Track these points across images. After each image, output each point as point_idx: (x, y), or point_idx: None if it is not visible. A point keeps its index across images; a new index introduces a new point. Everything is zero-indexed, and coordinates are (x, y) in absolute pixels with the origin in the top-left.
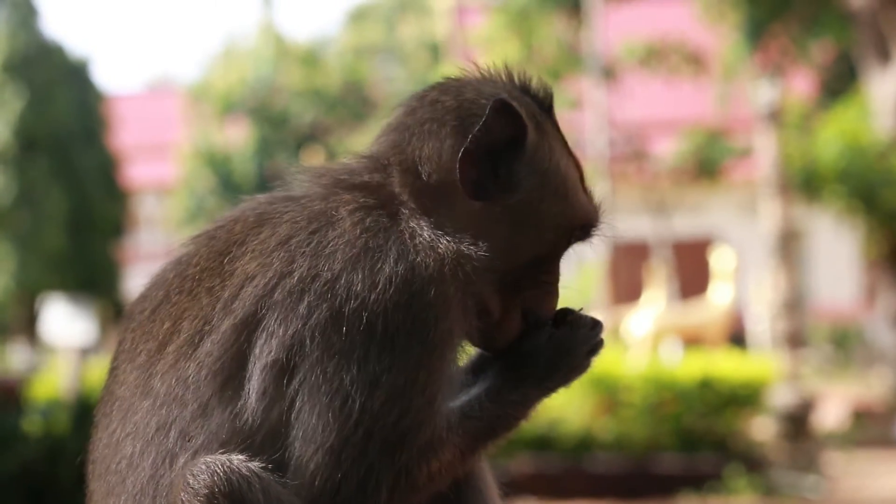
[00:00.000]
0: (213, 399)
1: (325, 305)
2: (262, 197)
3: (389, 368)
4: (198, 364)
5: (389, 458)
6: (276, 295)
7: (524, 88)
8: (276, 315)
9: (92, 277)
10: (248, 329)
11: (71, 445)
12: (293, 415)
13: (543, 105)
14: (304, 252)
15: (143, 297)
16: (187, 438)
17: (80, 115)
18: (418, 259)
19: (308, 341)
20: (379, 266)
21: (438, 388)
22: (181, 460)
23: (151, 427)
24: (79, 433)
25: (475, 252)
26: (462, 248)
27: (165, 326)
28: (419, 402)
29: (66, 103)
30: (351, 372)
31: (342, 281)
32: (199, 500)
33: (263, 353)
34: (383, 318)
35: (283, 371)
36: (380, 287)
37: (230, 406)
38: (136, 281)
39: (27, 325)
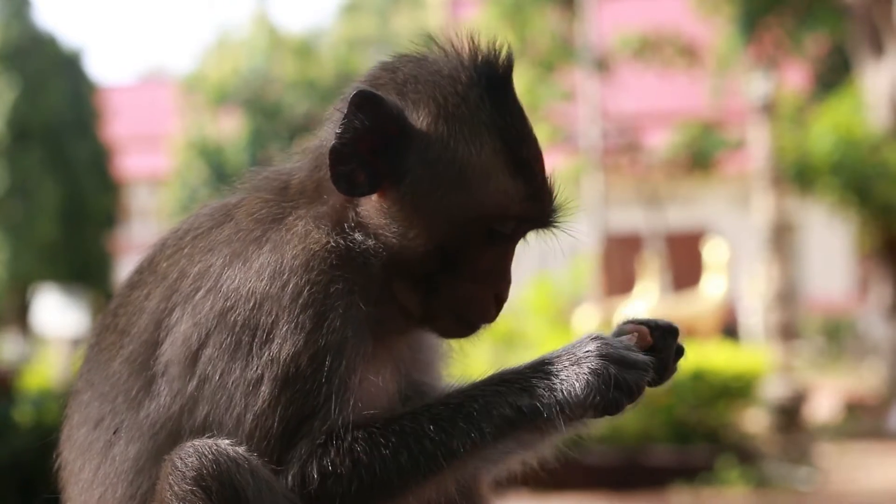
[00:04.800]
0: (139, 393)
1: (210, 303)
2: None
3: (269, 363)
4: (121, 361)
5: (290, 450)
6: (177, 293)
7: (471, 63)
8: (175, 314)
9: (84, 268)
10: (157, 327)
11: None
12: (204, 415)
13: (493, 80)
14: (201, 248)
15: (119, 293)
16: (119, 431)
17: (73, 106)
18: (288, 249)
19: (199, 339)
20: (252, 258)
21: (329, 376)
22: (116, 450)
23: (92, 419)
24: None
25: (357, 244)
26: (339, 239)
27: (109, 321)
28: (305, 390)
29: (59, 94)
30: (235, 374)
31: (224, 276)
32: (186, 483)
33: (167, 351)
34: (259, 309)
35: (185, 370)
36: (253, 279)
37: (154, 400)
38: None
39: (19, 316)
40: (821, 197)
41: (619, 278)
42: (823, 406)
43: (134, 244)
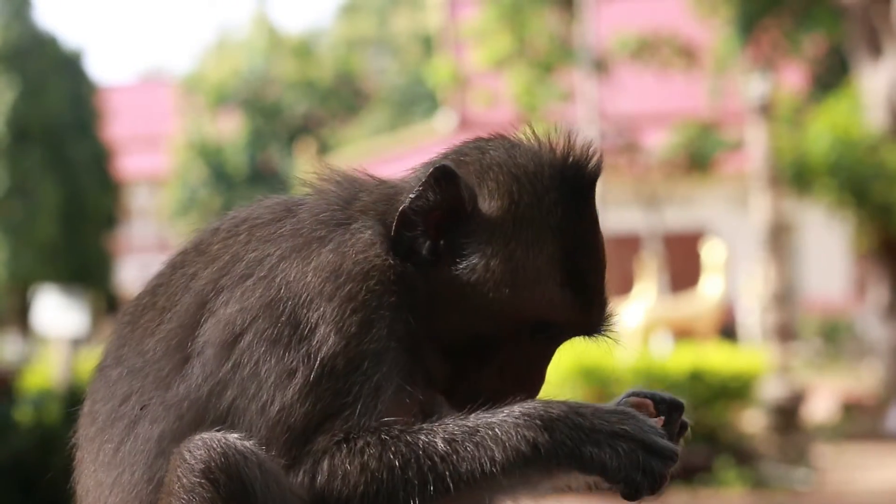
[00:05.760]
0: (171, 373)
1: (260, 291)
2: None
3: (306, 358)
4: (157, 339)
5: (307, 446)
6: (226, 276)
7: (559, 164)
8: (222, 296)
9: (84, 268)
10: (201, 307)
11: (62, 435)
12: (231, 400)
13: (575, 186)
14: (259, 236)
15: (159, 273)
16: (146, 408)
17: (74, 107)
18: (351, 253)
19: (242, 325)
20: (314, 255)
21: (362, 381)
22: (140, 428)
23: (119, 395)
24: (70, 423)
25: (410, 275)
26: (398, 262)
27: (147, 300)
28: (335, 390)
29: (59, 94)
30: (270, 363)
31: (280, 267)
32: (195, 476)
33: (207, 332)
34: (308, 305)
35: (221, 352)
36: (310, 276)
37: (185, 381)
38: (128, 272)
39: (19, 316)
40: (818, 197)
41: (617, 279)
42: (821, 406)
43: (134, 244)
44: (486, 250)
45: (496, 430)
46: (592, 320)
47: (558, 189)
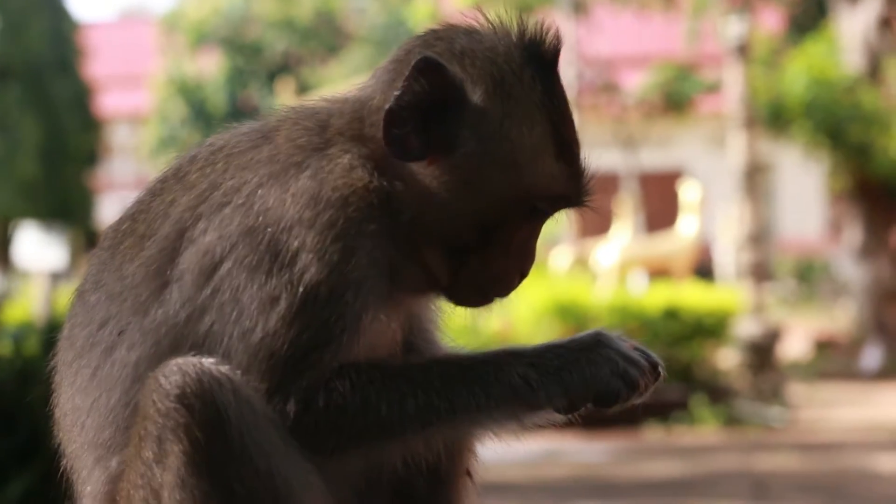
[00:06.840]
0: (149, 299)
1: (238, 219)
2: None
3: (289, 285)
4: (137, 264)
5: (297, 375)
6: (205, 204)
7: (522, 42)
8: (201, 224)
9: (65, 205)
10: (180, 235)
11: (41, 367)
12: (209, 325)
13: (542, 61)
14: (236, 164)
15: (139, 199)
16: (123, 334)
17: (54, 44)
18: (330, 179)
19: (222, 253)
20: (292, 182)
21: (344, 310)
22: (117, 353)
23: (97, 320)
24: (49, 356)
25: (397, 194)
26: (383, 182)
27: (126, 226)
28: (321, 319)
29: (39, 32)
30: (251, 289)
31: (258, 194)
32: (169, 400)
33: (186, 259)
34: (288, 233)
35: (200, 279)
36: (288, 202)
37: (163, 306)
38: (108, 209)
39: (0, 251)
40: (794, 138)
41: (594, 218)
42: (795, 345)
43: (114, 181)
44: (481, 135)
45: (490, 367)
46: (583, 189)
47: (530, 65)
